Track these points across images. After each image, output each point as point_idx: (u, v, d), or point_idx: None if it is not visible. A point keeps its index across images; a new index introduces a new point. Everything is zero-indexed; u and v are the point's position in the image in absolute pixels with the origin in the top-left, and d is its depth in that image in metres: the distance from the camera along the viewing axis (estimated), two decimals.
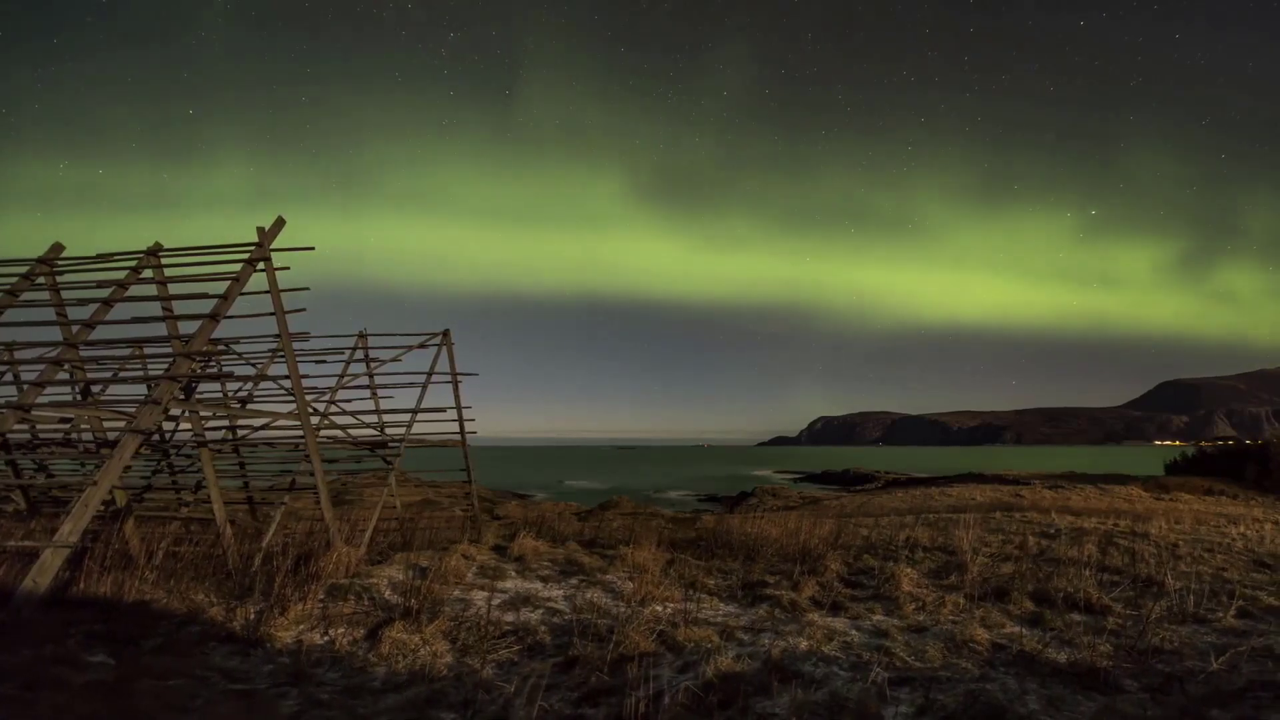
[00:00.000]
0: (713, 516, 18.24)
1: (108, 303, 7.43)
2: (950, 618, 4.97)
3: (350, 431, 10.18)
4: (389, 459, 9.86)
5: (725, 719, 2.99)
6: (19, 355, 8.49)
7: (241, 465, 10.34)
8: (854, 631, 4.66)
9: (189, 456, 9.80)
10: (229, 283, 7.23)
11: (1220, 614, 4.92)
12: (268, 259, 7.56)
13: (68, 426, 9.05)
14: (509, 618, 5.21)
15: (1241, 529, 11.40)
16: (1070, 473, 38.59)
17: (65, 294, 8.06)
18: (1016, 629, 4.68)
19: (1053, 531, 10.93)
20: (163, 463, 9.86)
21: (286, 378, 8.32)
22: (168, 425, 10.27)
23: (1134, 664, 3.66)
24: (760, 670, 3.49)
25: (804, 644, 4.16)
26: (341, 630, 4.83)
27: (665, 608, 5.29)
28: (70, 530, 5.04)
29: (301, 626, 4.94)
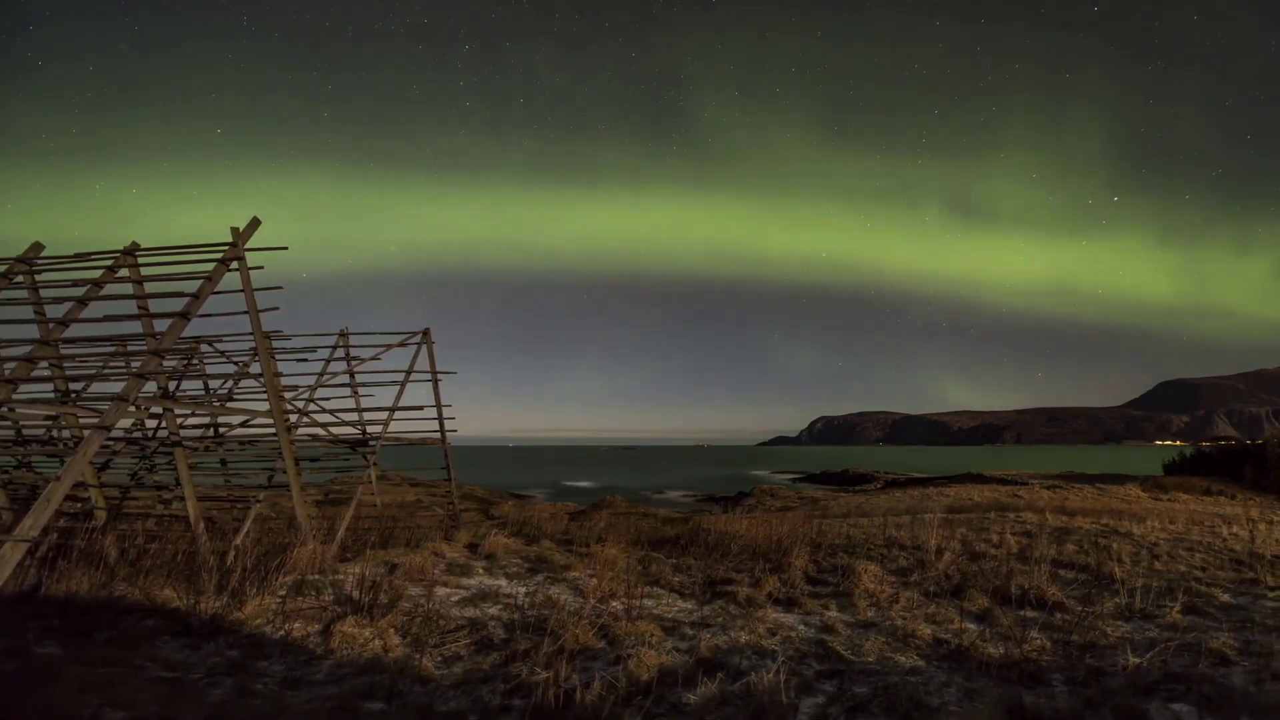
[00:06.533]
0: (706, 517, 18.32)
1: (82, 301, 7.49)
2: (901, 614, 5.01)
3: (331, 430, 10.24)
4: (368, 457, 9.92)
5: (639, 709, 3.04)
6: (1, 354, 8.57)
7: (223, 463, 10.41)
8: (801, 626, 4.71)
9: (169, 454, 9.87)
10: (202, 282, 7.29)
11: (1168, 611, 4.95)
12: (242, 259, 7.63)
13: (50, 424, 9.12)
14: (466, 613, 5.27)
15: (1235, 529, 11.45)
16: (1069, 473, 38.53)
17: (45, 293, 8.13)
18: (962, 625, 4.72)
19: (1034, 531, 10.98)
20: (144, 461, 9.92)
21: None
22: (151, 424, 10.36)
23: (1066, 658, 3.70)
24: (688, 664, 3.54)
25: (744, 638, 4.21)
26: (298, 624, 4.89)
27: (622, 604, 5.34)
28: (31, 525, 5.09)
29: (259, 620, 5.00)
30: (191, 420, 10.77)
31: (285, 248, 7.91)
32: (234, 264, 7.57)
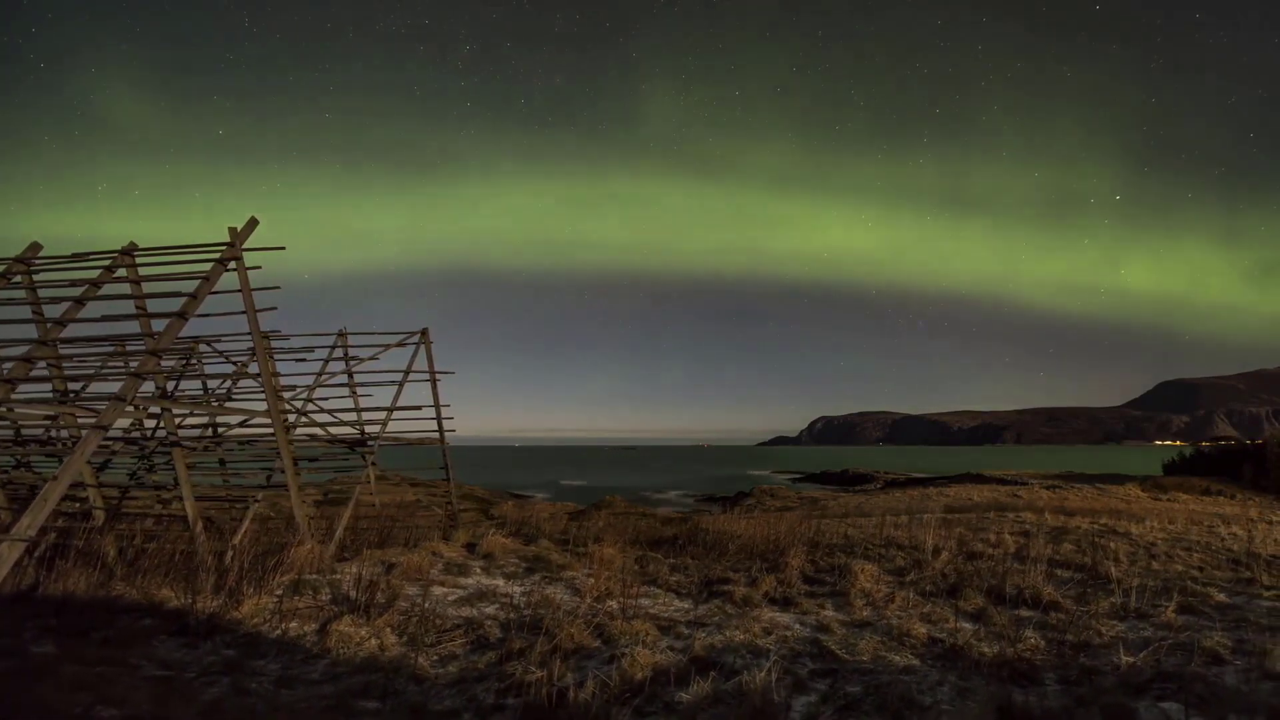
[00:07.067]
0: (705, 517, 18.31)
1: (80, 301, 7.51)
2: (896, 613, 5.02)
3: (329, 429, 10.24)
4: (366, 457, 9.93)
5: (631, 707, 3.05)
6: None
7: (221, 463, 10.41)
8: (797, 626, 4.72)
9: (168, 454, 9.87)
10: (199, 282, 7.30)
11: (1163, 610, 4.96)
12: (239, 258, 7.64)
13: (48, 424, 9.13)
14: (463, 612, 5.28)
15: (1233, 529, 11.46)
16: (1069, 473, 38.54)
17: (43, 293, 8.14)
18: (957, 624, 4.73)
19: (1032, 531, 10.99)
20: (142, 461, 9.92)
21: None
22: (150, 424, 10.36)
23: (1059, 657, 3.71)
24: (682, 663, 3.55)
25: (740, 637, 4.22)
26: (294, 624, 4.90)
27: (618, 603, 5.36)
28: (29, 524, 5.10)
29: (256, 620, 5.01)
30: (190, 420, 10.77)
31: (283, 248, 7.92)
32: (231, 264, 7.58)
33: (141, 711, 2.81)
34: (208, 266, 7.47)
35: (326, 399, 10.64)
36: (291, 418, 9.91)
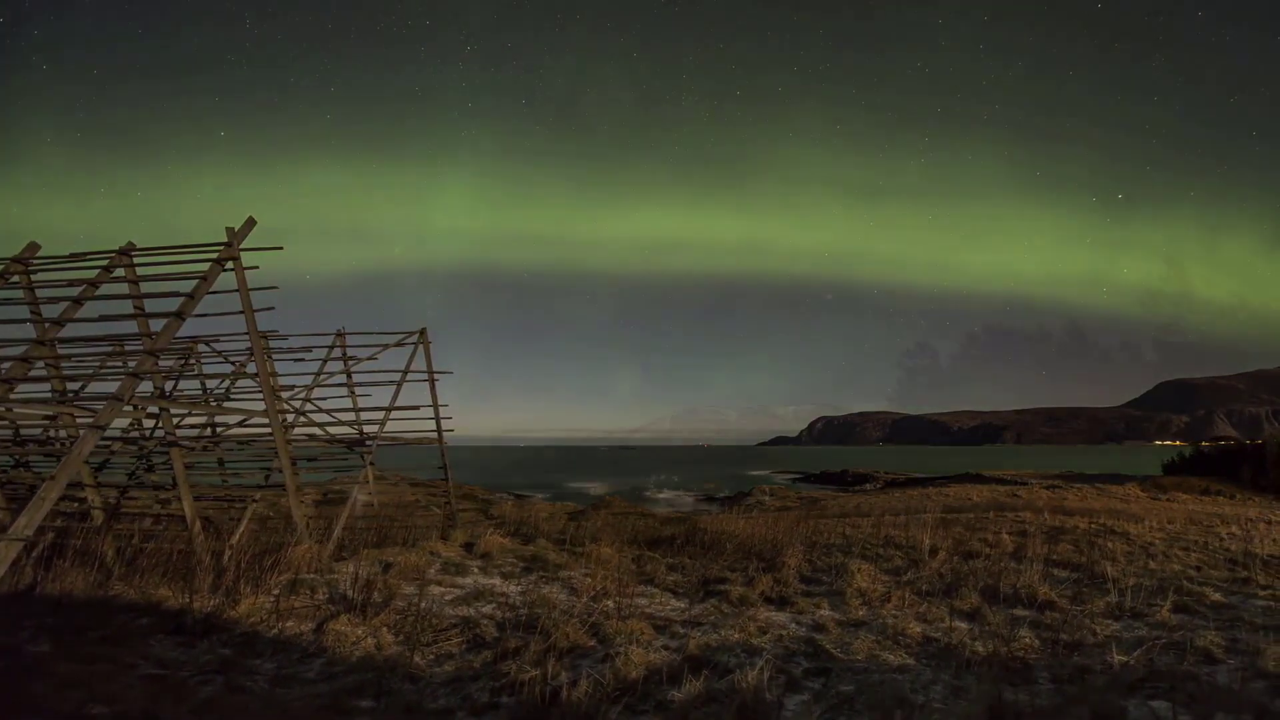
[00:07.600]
0: (703, 516, 18.27)
1: (78, 301, 7.52)
2: (892, 613, 5.03)
3: (328, 429, 10.25)
4: (364, 457, 9.94)
5: (624, 706, 3.07)
6: None
7: (220, 463, 10.42)
8: (793, 625, 4.74)
9: (166, 454, 9.88)
10: (197, 282, 7.31)
11: (1158, 609, 4.97)
12: (237, 259, 7.64)
13: (47, 424, 9.13)
14: (459, 611, 5.29)
15: (1231, 529, 11.47)
16: (1069, 473, 38.50)
17: (41, 293, 8.15)
18: (952, 623, 4.74)
19: (1030, 530, 11.00)
20: (141, 461, 9.93)
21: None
22: (149, 424, 10.37)
23: (1053, 656, 3.72)
24: (676, 661, 3.56)
25: (735, 636, 4.24)
26: (291, 623, 4.91)
27: (614, 602, 5.37)
28: (26, 524, 5.11)
29: (253, 619, 5.02)
30: (188, 420, 10.79)
31: (280, 248, 7.93)
32: (229, 264, 7.59)
33: (133, 709, 2.82)
34: (205, 267, 7.48)
35: (325, 399, 10.65)
36: (290, 418, 9.92)
